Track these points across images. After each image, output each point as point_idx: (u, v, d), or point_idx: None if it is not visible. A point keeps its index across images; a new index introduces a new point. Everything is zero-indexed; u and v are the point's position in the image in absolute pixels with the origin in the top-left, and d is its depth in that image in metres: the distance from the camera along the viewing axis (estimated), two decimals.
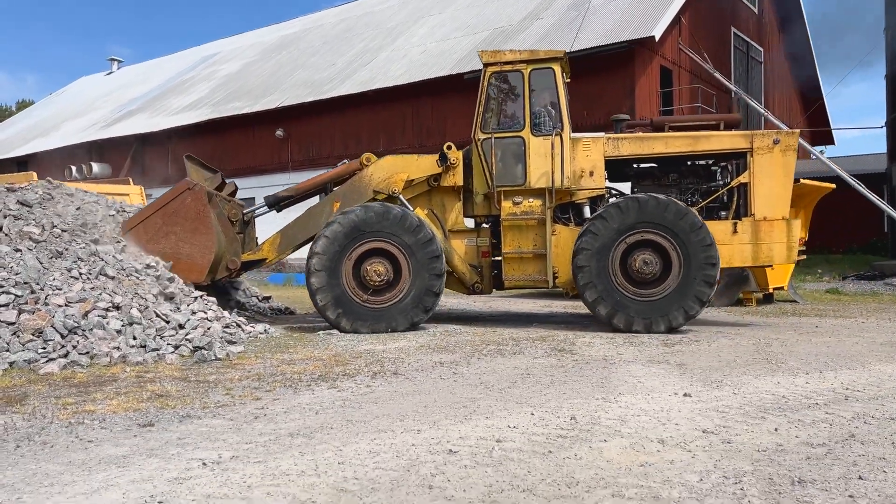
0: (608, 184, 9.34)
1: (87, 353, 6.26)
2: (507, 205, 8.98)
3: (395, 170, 9.35)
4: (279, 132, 25.38)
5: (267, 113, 25.36)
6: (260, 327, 8.42)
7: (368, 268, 8.61)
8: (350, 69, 25.47)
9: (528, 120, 8.88)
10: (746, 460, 3.35)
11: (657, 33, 18.13)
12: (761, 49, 26.01)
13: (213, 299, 8.42)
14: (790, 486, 2.99)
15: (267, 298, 12.03)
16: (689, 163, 9.30)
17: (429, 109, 22.21)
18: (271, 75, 28.85)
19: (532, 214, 8.94)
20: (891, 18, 20.99)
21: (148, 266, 8.18)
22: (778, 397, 4.73)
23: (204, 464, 3.30)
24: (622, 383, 5.25)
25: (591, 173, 8.99)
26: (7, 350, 6.03)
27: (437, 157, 9.27)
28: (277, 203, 10.04)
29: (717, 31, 23.05)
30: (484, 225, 9.57)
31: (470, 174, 9.33)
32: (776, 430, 3.89)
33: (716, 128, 9.18)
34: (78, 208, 9.04)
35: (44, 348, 6.17)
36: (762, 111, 20.91)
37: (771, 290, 12.24)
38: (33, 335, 6.26)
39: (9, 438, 3.80)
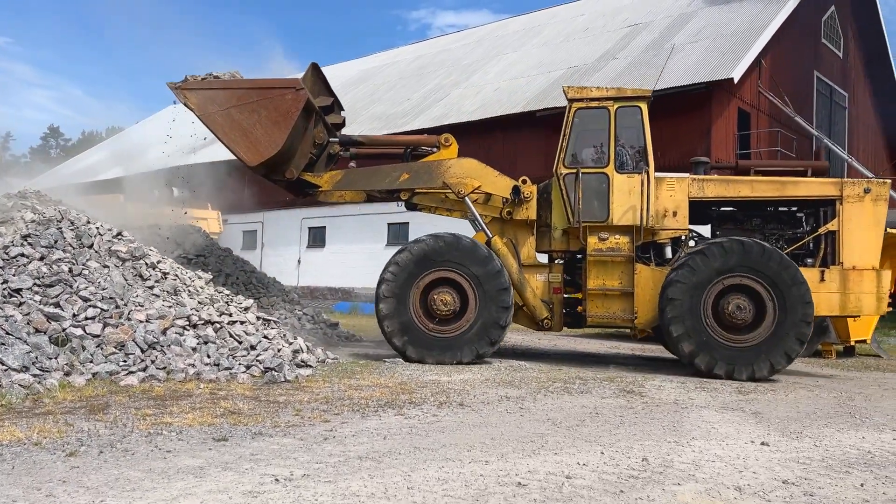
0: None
1: (165, 367, 6.49)
2: (592, 240, 8.88)
3: (470, 174, 9.39)
4: (352, 164, 25.95)
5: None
6: (328, 353, 8.54)
7: (436, 297, 8.65)
8: (424, 104, 25.94)
9: (612, 157, 8.81)
10: None
11: (736, 75, 17.85)
12: (845, 94, 25.27)
13: (286, 324, 8.61)
14: None
15: (335, 325, 12.21)
16: (772, 208, 9.08)
17: (500, 145, 22.36)
18: (349, 108, 29.52)
19: (619, 251, 8.83)
20: None
21: (225, 293, 8.45)
22: (863, 452, 4.50)
23: (276, 480, 3.36)
24: (695, 428, 5.10)
25: (675, 213, 8.85)
26: (91, 361, 6.30)
27: (513, 183, 9.26)
28: (349, 144, 10.17)
29: (799, 74, 22.53)
30: (557, 261, 9.48)
31: (545, 208, 9.30)
32: (862, 485, 3.70)
33: (803, 174, 8.98)
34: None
35: (125, 361, 6.42)
36: (846, 157, 20.26)
37: (853, 343, 11.73)
38: (116, 348, 6.52)
39: (92, 444, 3.95)
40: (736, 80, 17.95)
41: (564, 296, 9.29)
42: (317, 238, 28.25)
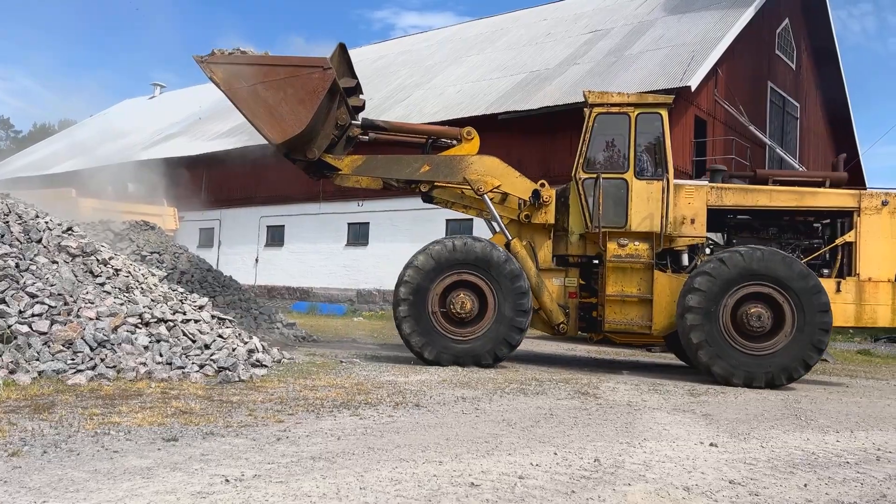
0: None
1: (115, 366, 6.34)
2: (612, 246, 8.86)
3: (491, 172, 9.34)
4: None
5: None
6: (284, 353, 8.46)
7: (455, 299, 8.61)
8: (386, 105, 25.87)
9: (632, 163, 8.84)
10: None
11: (693, 84, 18.22)
12: (797, 104, 25.97)
13: (241, 323, 8.49)
14: None
15: (291, 325, 12.11)
16: (789, 218, 9.14)
17: None
18: None
19: (638, 258, 8.82)
20: None
21: (179, 291, 8.31)
22: (807, 453, 4.62)
23: (227, 480, 3.31)
24: (647, 429, 5.18)
25: (693, 221, 8.87)
26: (37, 359, 6.13)
27: (533, 186, 9.22)
28: (370, 128, 10.03)
29: (754, 84, 23.08)
30: (573, 266, 9.44)
31: (562, 213, 9.28)
32: (805, 485, 3.80)
33: (821, 184, 9.06)
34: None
35: (73, 359, 6.26)
36: (797, 166, 20.80)
37: None
38: (63, 346, 6.35)
39: (36, 444, 3.85)
40: (693, 89, 18.32)
41: (580, 300, 9.28)
42: (275, 237, 27.95)
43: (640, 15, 25.12)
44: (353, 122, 9.90)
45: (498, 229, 9.30)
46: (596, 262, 9.32)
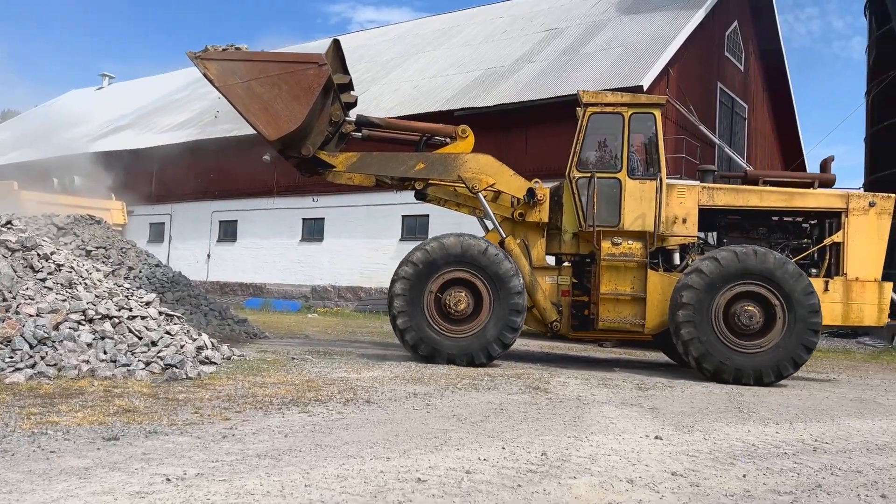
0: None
1: (56, 364, 6.16)
2: (606, 245, 8.91)
3: (486, 170, 9.33)
4: (266, 157, 25.41)
5: (255, 137, 25.31)
6: (234, 350, 8.33)
7: (450, 297, 8.60)
8: None
9: (625, 162, 8.90)
10: None
11: (646, 83, 18.51)
12: (745, 105, 26.60)
13: (191, 320, 8.34)
14: None
15: (243, 321, 11.93)
16: (778, 218, 9.31)
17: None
18: None
19: (632, 257, 8.88)
20: (871, 83, 21.62)
21: (125, 287, 8.12)
22: (748, 445, 4.74)
23: (168, 479, 3.25)
24: (595, 423, 5.25)
25: (685, 220, 8.98)
26: None
27: (527, 184, 9.25)
28: (365, 125, 9.94)
29: (704, 85, 23.57)
30: (565, 264, 9.50)
31: (555, 211, 9.32)
32: (744, 476, 3.90)
33: (810, 185, 9.24)
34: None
35: (11, 357, 6.06)
36: (744, 165, 21.31)
37: None
38: (1, 344, 6.15)
39: None
40: (645, 88, 18.60)
41: (573, 299, 9.32)
42: (228, 232, 27.51)
43: (595, 14, 25.42)
44: (346, 118, 9.87)
45: (492, 227, 9.33)
46: (588, 260, 9.41)
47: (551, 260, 9.78)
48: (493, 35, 27.37)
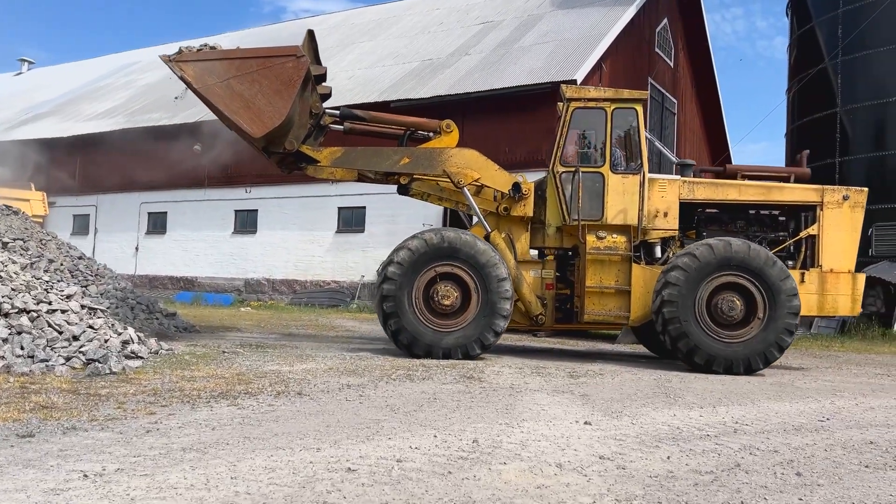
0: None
1: None
2: (591, 238, 8.96)
3: (471, 165, 9.27)
4: (197, 147, 24.74)
5: (185, 126, 24.67)
6: (162, 344, 8.10)
7: (438, 292, 8.54)
8: None
9: (608, 157, 8.96)
10: (638, 485, 3.43)
11: (579, 77, 18.79)
12: (675, 100, 27.33)
13: (116, 314, 8.06)
14: None
15: (172, 315, 11.61)
16: (754, 211, 9.50)
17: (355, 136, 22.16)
18: None
19: (616, 250, 8.96)
20: (792, 81, 22.52)
21: (45, 280, 7.78)
22: (673, 428, 4.88)
23: (85, 476, 3.13)
24: (526, 410, 5.31)
25: (666, 214, 9.09)
26: None
27: (512, 179, 9.25)
28: (349, 117, 9.78)
29: (636, 80, 24.06)
30: (548, 257, 9.52)
31: (539, 205, 9.34)
32: (668, 458, 4.02)
33: (786, 179, 9.44)
34: None
35: None
36: (674, 160, 21.90)
37: None
38: None
39: None
40: (579, 82, 18.87)
41: (558, 292, 9.34)
42: (157, 224, 26.71)
43: (530, 8, 25.66)
44: (326, 110, 9.71)
45: (477, 221, 9.31)
46: (570, 253, 9.48)
47: (534, 254, 9.87)
48: (430, 27, 27.32)
